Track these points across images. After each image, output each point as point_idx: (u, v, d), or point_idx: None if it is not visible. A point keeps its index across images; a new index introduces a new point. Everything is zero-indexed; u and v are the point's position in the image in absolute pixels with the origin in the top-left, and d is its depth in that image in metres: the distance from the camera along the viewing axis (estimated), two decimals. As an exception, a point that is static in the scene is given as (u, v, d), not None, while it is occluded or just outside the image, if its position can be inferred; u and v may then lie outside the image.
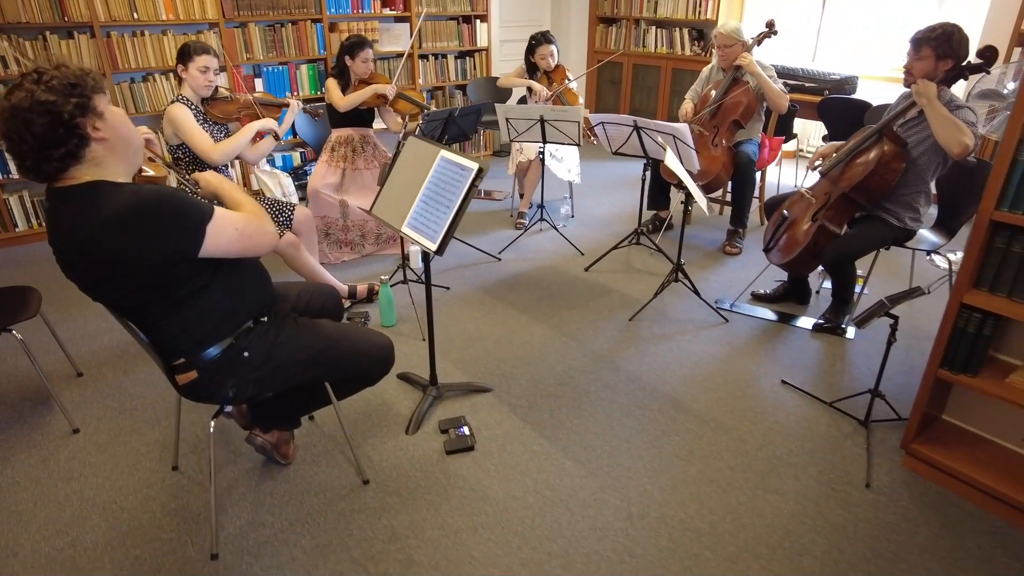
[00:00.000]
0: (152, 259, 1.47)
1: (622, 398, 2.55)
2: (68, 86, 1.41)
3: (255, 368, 1.76)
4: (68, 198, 1.47)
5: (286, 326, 1.84)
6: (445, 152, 2.14)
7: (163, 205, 1.46)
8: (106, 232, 1.43)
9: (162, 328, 1.64)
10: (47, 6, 3.81)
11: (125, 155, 1.55)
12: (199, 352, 1.69)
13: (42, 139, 1.39)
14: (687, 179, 2.86)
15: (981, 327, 1.94)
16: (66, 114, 1.40)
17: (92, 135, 1.45)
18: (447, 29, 5.48)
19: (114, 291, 1.55)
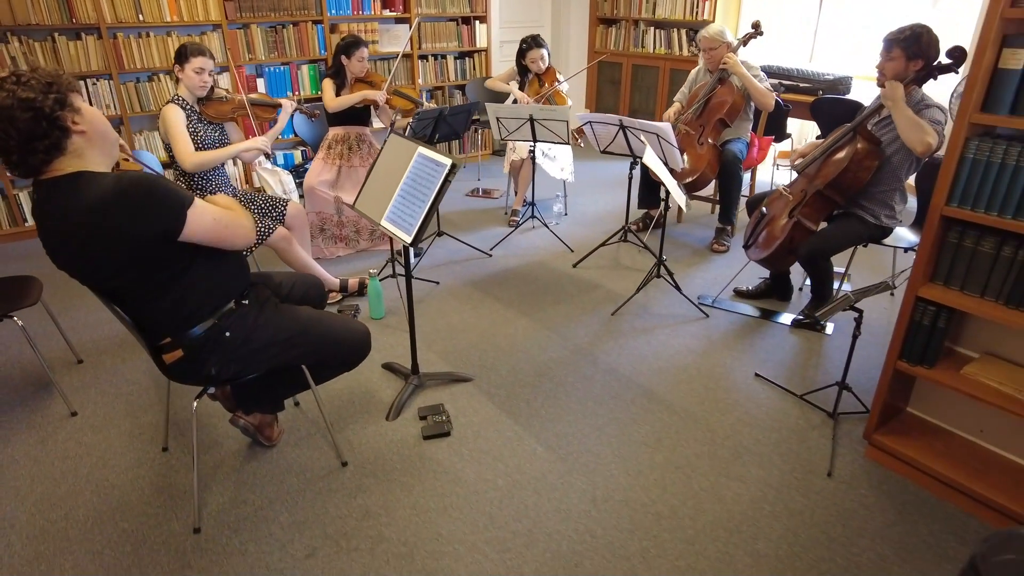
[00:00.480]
0: (136, 238, 1.57)
1: (597, 388, 2.63)
2: (46, 84, 1.52)
3: (236, 347, 1.86)
4: (54, 188, 1.57)
5: (266, 309, 1.94)
6: (422, 149, 2.23)
7: (146, 188, 1.57)
8: (92, 214, 1.53)
9: (148, 309, 1.74)
10: (56, 8, 3.95)
11: (104, 147, 1.66)
12: (184, 331, 1.79)
13: (27, 133, 1.50)
14: (664, 176, 2.93)
15: (936, 320, 2.00)
16: (47, 108, 1.51)
17: (72, 128, 1.56)
18: (447, 30, 5.58)
19: (101, 273, 1.65)
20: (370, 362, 2.80)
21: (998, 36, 1.70)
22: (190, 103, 2.97)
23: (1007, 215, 1.78)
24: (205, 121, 3.02)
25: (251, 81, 4.74)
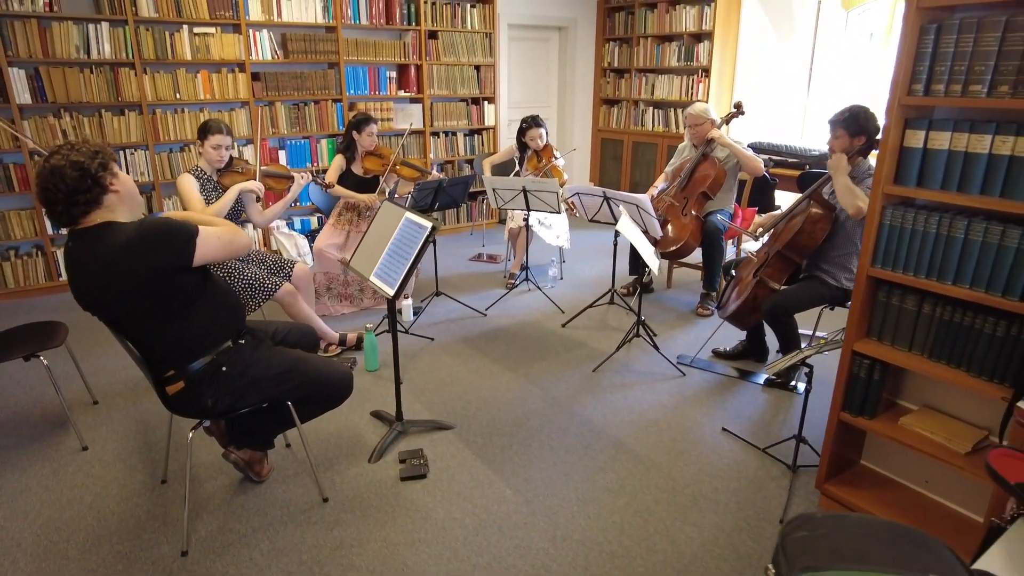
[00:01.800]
0: (156, 269, 1.88)
1: (570, 439, 2.78)
2: (93, 152, 1.89)
3: (232, 381, 2.09)
4: (87, 236, 1.89)
5: (260, 348, 2.18)
6: (409, 213, 2.51)
7: (161, 226, 1.92)
8: (120, 255, 1.85)
9: (157, 341, 2.00)
10: (105, 88, 4.44)
11: (131, 205, 1.99)
12: (186, 364, 2.04)
13: (73, 188, 1.82)
14: (637, 241, 3.17)
15: (871, 372, 2.16)
16: (92, 169, 1.85)
17: (109, 187, 1.90)
18: (457, 109, 6.03)
19: (122, 304, 1.92)
20: (360, 409, 3.00)
21: (900, 119, 1.94)
22: (208, 173, 3.32)
23: (921, 275, 1.97)
24: (220, 189, 3.35)
25: (274, 153, 5.17)
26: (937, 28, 1.83)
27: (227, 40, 4.77)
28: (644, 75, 6.60)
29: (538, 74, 6.95)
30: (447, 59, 5.84)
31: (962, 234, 1.86)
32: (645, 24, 6.44)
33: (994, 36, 1.73)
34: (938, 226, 1.91)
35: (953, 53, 1.81)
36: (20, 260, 4.45)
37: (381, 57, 5.47)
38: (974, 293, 1.85)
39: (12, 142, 4.24)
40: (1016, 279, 1.77)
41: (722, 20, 5.81)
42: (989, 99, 1.76)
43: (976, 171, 1.83)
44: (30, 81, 4.22)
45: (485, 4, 5.96)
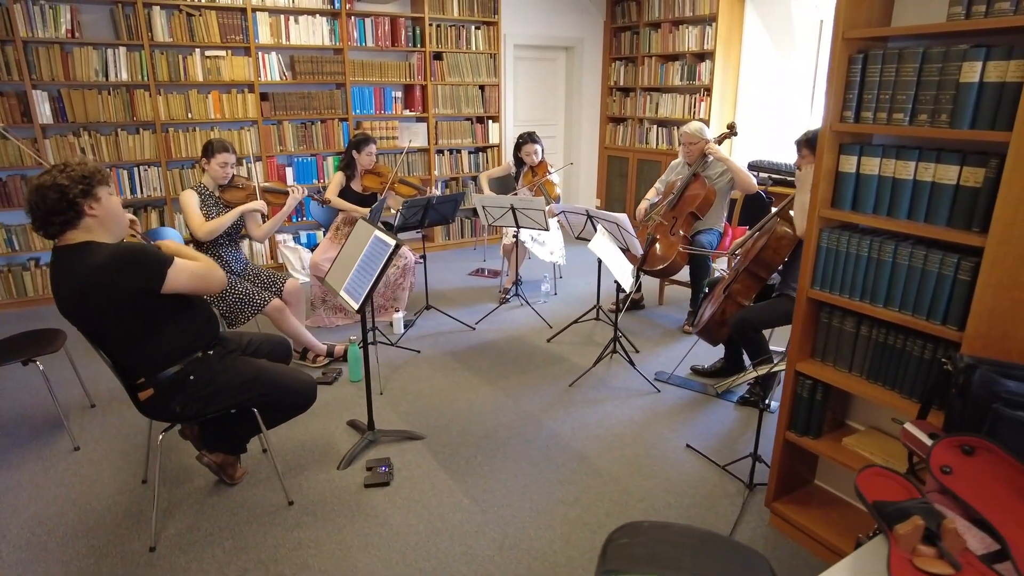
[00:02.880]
0: (125, 291, 2.00)
1: (535, 451, 2.85)
2: (81, 177, 2.01)
3: (199, 389, 2.23)
4: (67, 253, 2.03)
5: (227, 358, 2.32)
6: (377, 232, 2.63)
7: (134, 253, 2.03)
8: (93, 274, 1.98)
9: (129, 353, 2.15)
10: (121, 108, 4.70)
11: (111, 229, 2.12)
12: (156, 373, 2.18)
13: (50, 209, 1.97)
14: (609, 260, 3.24)
15: (814, 393, 2.19)
16: (71, 194, 1.98)
17: (87, 212, 2.02)
18: (462, 128, 6.19)
19: (96, 320, 2.07)
20: (338, 418, 3.12)
21: (834, 144, 2.00)
22: (210, 190, 3.50)
23: (856, 298, 2.01)
24: (222, 204, 3.53)
25: (281, 170, 5.38)
26: (863, 58, 1.89)
27: (237, 62, 5.01)
28: (648, 94, 6.67)
29: (545, 92, 7.08)
30: (452, 79, 6.00)
31: (890, 258, 1.90)
32: (649, 44, 6.53)
33: (912, 67, 1.78)
34: (869, 249, 1.95)
35: (878, 82, 1.87)
36: (39, 270, 4.71)
37: (387, 78, 5.66)
38: (902, 316, 1.89)
39: (34, 162, 4.51)
40: (938, 303, 1.80)
41: (724, 40, 5.87)
42: (910, 127, 1.81)
43: (903, 196, 1.87)
44: (52, 103, 4.50)
45: (490, 26, 6.12)
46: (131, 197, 4.89)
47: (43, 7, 4.35)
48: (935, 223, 1.80)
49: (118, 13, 4.58)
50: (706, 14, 5.90)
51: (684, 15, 6.11)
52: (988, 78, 1.63)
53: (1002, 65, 1.60)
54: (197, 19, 4.81)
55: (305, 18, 5.21)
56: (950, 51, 1.70)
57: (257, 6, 5.00)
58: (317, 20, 5.26)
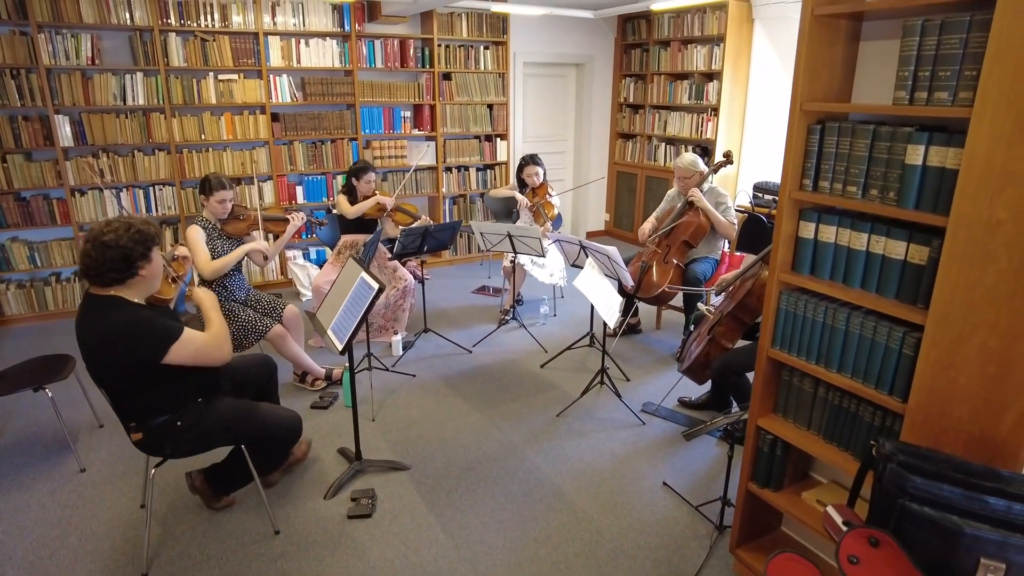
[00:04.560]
0: (129, 358, 2.15)
1: (514, 486, 2.95)
2: (143, 239, 2.18)
3: (186, 432, 2.37)
4: (95, 303, 2.20)
5: (214, 402, 2.45)
6: (364, 273, 2.74)
7: (143, 328, 2.16)
8: (104, 334, 2.14)
9: (129, 401, 2.30)
10: (138, 131, 4.89)
11: (146, 288, 2.30)
12: (146, 420, 2.32)
13: (109, 267, 2.13)
14: (595, 299, 3.31)
15: (774, 448, 2.25)
16: (134, 257, 2.16)
17: (139, 272, 2.19)
18: (469, 146, 6.28)
19: (101, 369, 2.24)
20: (330, 445, 3.25)
21: (793, 210, 2.05)
22: (212, 222, 3.64)
23: (812, 360, 2.06)
24: (224, 237, 3.67)
25: (292, 189, 5.54)
26: (821, 129, 1.94)
27: (249, 85, 5.17)
28: (657, 111, 6.70)
29: (556, 108, 7.14)
30: (460, 99, 6.10)
31: (843, 325, 1.95)
32: (659, 62, 6.55)
33: (864, 143, 1.83)
34: (825, 315, 2.00)
35: (835, 154, 1.92)
36: (60, 285, 4.93)
37: (396, 98, 5.78)
38: (853, 383, 1.94)
39: (56, 179, 4.73)
40: (886, 373, 1.85)
41: (732, 60, 5.86)
42: (861, 201, 1.86)
43: (857, 266, 1.92)
44: (73, 126, 4.70)
45: (499, 46, 6.20)
46: (146, 215, 5.08)
47: (65, 36, 4.55)
48: (885, 295, 1.85)
49: (136, 40, 4.76)
50: (715, 34, 5.90)
51: (693, 35, 6.11)
52: (930, 162, 1.68)
53: (942, 151, 1.65)
54: (211, 44, 4.97)
55: (315, 41, 5.35)
56: (897, 132, 1.75)
57: (269, 30, 5.15)
58: (327, 43, 5.40)
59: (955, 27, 1.58)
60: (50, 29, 4.53)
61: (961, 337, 1.62)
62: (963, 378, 1.63)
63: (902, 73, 1.70)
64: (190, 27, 4.87)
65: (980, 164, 1.52)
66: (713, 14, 5.86)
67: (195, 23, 4.89)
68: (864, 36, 2.03)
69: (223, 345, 2.35)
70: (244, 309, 3.57)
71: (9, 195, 4.65)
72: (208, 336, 2.32)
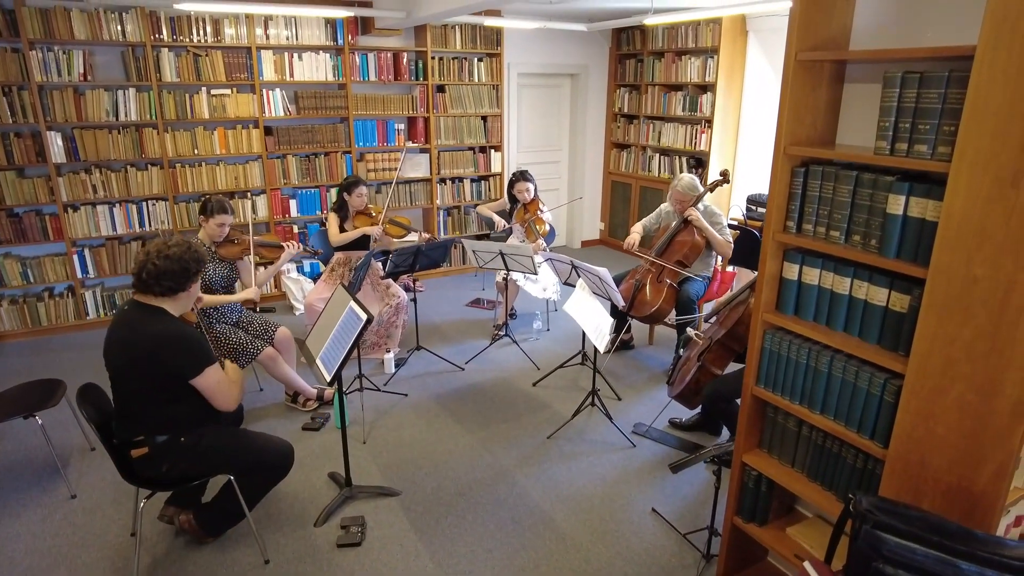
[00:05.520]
0: (169, 366, 2.26)
1: (504, 512, 2.96)
2: (199, 260, 2.37)
3: (187, 450, 2.40)
4: (139, 310, 2.33)
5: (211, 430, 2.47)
6: (352, 303, 2.75)
7: (192, 341, 2.30)
8: (154, 339, 2.25)
9: (142, 412, 2.34)
10: (131, 146, 4.89)
11: (183, 304, 2.42)
12: (154, 435, 2.36)
13: (169, 275, 2.29)
14: (585, 323, 3.32)
15: (759, 483, 2.26)
16: (190, 271, 2.33)
17: (189, 288, 2.35)
18: (464, 158, 6.29)
19: (133, 375, 2.29)
20: (320, 468, 3.26)
21: (777, 251, 2.05)
22: (207, 245, 3.65)
23: (795, 401, 2.07)
24: (217, 260, 3.67)
25: (285, 202, 5.54)
26: (805, 172, 1.94)
27: (242, 99, 5.16)
28: (652, 122, 6.70)
29: (550, 118, 7.14)
30: (454, 111, 6.10)
31: (826, 368, 1.96)
32: (653, 72, 6.55)
33: (847, 188, 1.84)
34: (808, 357, 2.01)
35: (819, 197, 1.93)
36: (53, 300, 4.93)
37: (390, 111, 5.78)
38: (835, 425, 1.95)
39: (48, 195, 4.72)
40: (867, 418, 1.86)
41: (725, 72, 5.87)
42: (844, 247, 1.87)
43: (840, 309, 1.93)
44: (65, 143, 4.70)
45: (492, 57, 6.20)
46: (140, 230, 5.08)
47: (57, 53, 4.54)
48: (868, 340, 1.86)
49: (128, 55, 4.76)
50: (708, 46, 5.90)
51: (687, 46, 6.12)
52: (911, 213, 1.69)
53: (923, 202, 1.66)
54: (204, 59, 4.97)
55: (309, 55, 5.34)
56: (879, 180, 1.76)
57: (262, 44, 5.14)
58: (320, 56, 5.39)
59: (934, 81, 1.59)
60: (42, 46, 4.52)
61: (940, 389, 1.63)
62: (942, 429, 1.64)
63: (883, 123, 1.71)
64: (183, 42, 4.86)
65: (958, 220, 1.53)
66: (707, 26, 5.87)
67: (188, 38, 4.88)
68: (849, 78, 2.03)
69: (235, 398, 2.45)
70: (235, 331, 3.58)
71: (1, 211, 4.65)
72: (230, 380, 2.45)
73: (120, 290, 5.18)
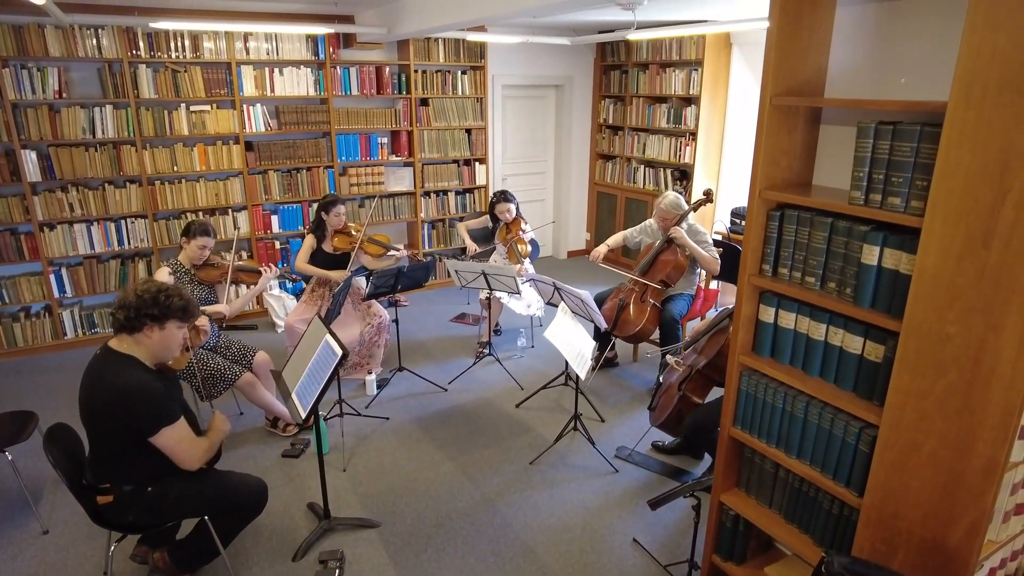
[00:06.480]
0: (119, 424, 2.19)
1: (485, 544, 2.93)
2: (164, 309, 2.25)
3: (154, 500, 2.34)
4: (108, 357, 2.25)
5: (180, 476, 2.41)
6: (328, 336, 2.71)
7: (148, 398, 2.20)
8: (110, 392, 2.17)
9: (108, 461, 2.29)
10: (108, 164, 4.81)
11: (154, 354, 2.33)
12: (121, 484, 2.30)
13: (125, 307, 2.23)
14: (566, 350, 3.29)
15: (737, 523, 2.25)
16: (143, 314, 2.22)
17: (143, 333, 2.25)
18: (448, 171, 6.25)
19: (96, 424, 2.24)
20: (299, 498, 3.22)
21: (753, 294, 2.04)
22: (186, 267, 3.60)
23: (772, 444, 2.06)
24: (196, 282, 3.63)
25: (267, 218, 5.47)
26: (781, 216, 1.93)
27: (222, 115, 5.10)
28: (636, 134, 6.69)
29: (536, 129, 7.12)
30: (438, 124, 6.06)
31: (802, 414, 1.95)
32: (637, 84, 6.54)
33: (822, 235, 1.82)
34: (784, 401, 2.00)
35: (794, 242, 1.91)
36: (29, 321, 4.85)
37: (372, 125, 5.73)
38: (811, 471, 1.94)
39: (24, 214, 4.64)
40: (843, 466, 1.85)
41: (710, 85, 5.87)
42: (819, 294, 1.85)
43: (816, 354, 1.92)
44: (40, 161, 4.61)
45: (476, 70, 6.16)
46: (119, 248, 5.01)
47: (31, 71, 4.46)
48: (843, 386, 1.85)
49: (105, 72, 4.68)
50: (693, 59, 5.89)
51: (671, 59, 6.11)
52: (886, 264, 1.68)
53: (897, 254, 1.65)
54: (183, 75, 4.90)
55: (289, 70, 5.29)
56: (853, 229, 1.75)
57: (242, 60, 5.08)
58: (302, 71, 5.34)
59: (907, 135, 1.58)
60: (15, 63, 4.44)
61: (914, 442, 1.62)
62: (916, 482, 1.63)
63: (857, 173, 1.70)
64: (161, 58, 4.79)
65: (930, 276, 1.52)
66: (691, 39, 5.86)
67: (166, 54, 4.81)
68: (825, 120, 2.02)
69: (199, 458, 2.37)
70: (213, 356, 3.53)
71: (-25, 231, 4.57)
72: (194, 439, 2.35)
73: (99, 309, 5.11)
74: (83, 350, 4.97)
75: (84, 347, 5.01)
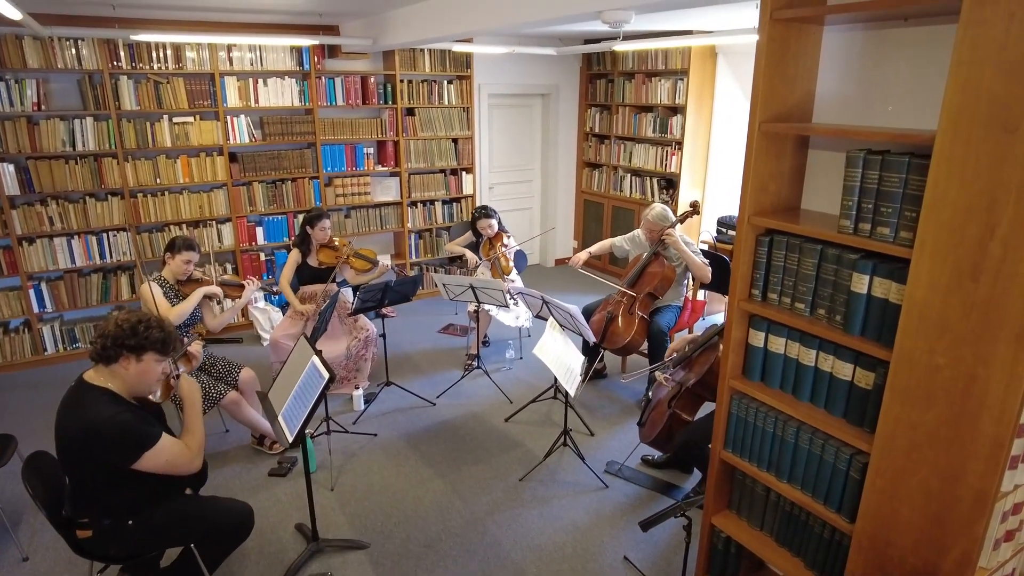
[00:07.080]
0: (92, 459, 2.13)
1: (474, 565, 2.91)
2: (143, 340, 2.17)
3: (134, 532, 2.29)
4: (82, 389, 2.18)
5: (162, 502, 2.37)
6: (315, 358, 2.68)
7: (121, 431, 2.12)
8: (75, 428, 2.12)
9: (87, 495, 2.23)
10: (89, 177, 4.74)
11: (130, 387, 2.25)
12: (100, 519, 2.24)
13: (104, 336, 2.16)
14: (555, 366, 3.28)
15: (728, 546, 2.24)
16: (120, 345, 2.15)
17: (119, 363, 2.17)
18: (435, 180, 6.22)
19: (72, 458, 2.17)
20: (287, 518, 3.18)
21: (742, 318, 2.04)
22: (170, 283, 3.55)
23: (763, 468, 2.06)
24: (180, 297, 3.58)
25: (251, 230, 5.41)
26: (769, 241, 1.93)
27: (206, 127, 5.04)
28: (623, 143, 6.70)
29: (522, 138, 7.11)
30: (424, 134, 6.03)
31: (793, 439, 1.95)
32: (623, 93, 6.55)
33: (812, 262, 1.83)
34: (775, 426, 2.00)
35: (783, 268, 1.91)
36: (8, 337, 4.75)
37: (358, 135, 5.69)
38: (802, 496, 1.94)
39: (1, 229, 4.56)
40: (834, 492, 1.85)
41: (695, 94, 5.89)
42: (809, 320, 1.86)
43: (806, 379, 1.92)
44: (19, 173, 4.53)
45: (462, 80, 6.14)
46: (100, 262, 4.93)
47: (8, 83, 4.38)
48: (833, 412, 1.85)
49: (85, 83, 4.61)
50: (678, 68, 5.92)
51: (657, 68, 6.13)
52: (875, 293, 1.68)
53: (886, 284, 1.65)
54: (165, 86, 4.83)
55: (274, 80, 5.24)
56: (843, 257, 1.75)
57: (225, 70, 5.03)
58: (286, 82, 5.29)
59: (895, 166, 1.58)
60: (-8, 74, 4.36)
61: (905, 470, 1.62)
62: (907, 510, 1.64)
63: (846, 202, 1.70)
64: (142, 69, 4.73)
65: (919, 308, 1.52)
66: (676, 49, 5.88)
67: (147, 65, 4.74)
68: (813, 145, 2.03)
69: (195, 459, 2.32)
70: (198, 375, 3.48)
71: (-49, 246, 4.48)
72: (182, 448, 2.29)
73: (80, 323, 5.02)
74: (64, 366, 4.88)
75: (65, 363, 4.92)
